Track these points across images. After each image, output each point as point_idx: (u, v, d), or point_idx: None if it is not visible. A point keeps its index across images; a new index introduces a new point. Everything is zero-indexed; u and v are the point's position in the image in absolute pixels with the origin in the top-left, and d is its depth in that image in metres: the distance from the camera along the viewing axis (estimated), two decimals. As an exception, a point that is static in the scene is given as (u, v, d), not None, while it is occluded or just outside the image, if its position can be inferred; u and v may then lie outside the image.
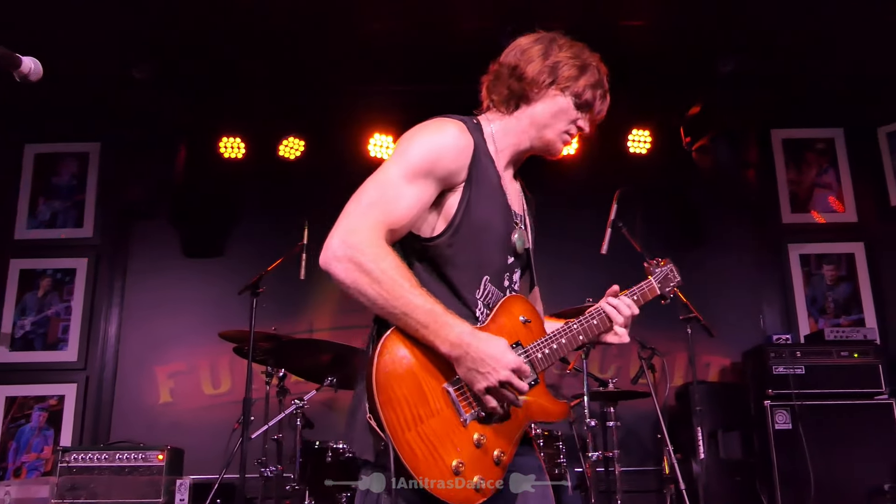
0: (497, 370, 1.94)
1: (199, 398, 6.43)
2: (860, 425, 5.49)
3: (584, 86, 2.31)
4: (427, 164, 2.08)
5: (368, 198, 2.05)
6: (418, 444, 1.89)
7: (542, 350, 2.17)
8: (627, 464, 5.61)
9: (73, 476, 5.05)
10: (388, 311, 1.96)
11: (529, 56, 2.34)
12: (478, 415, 2.00)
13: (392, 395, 1.91)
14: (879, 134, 6.82)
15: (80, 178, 6.80)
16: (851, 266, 6.78)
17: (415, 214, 2.08)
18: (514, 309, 2.21)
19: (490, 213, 2.20)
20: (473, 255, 2.15)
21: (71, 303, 6.55)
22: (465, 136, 2.17)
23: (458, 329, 1.96)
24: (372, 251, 1.95)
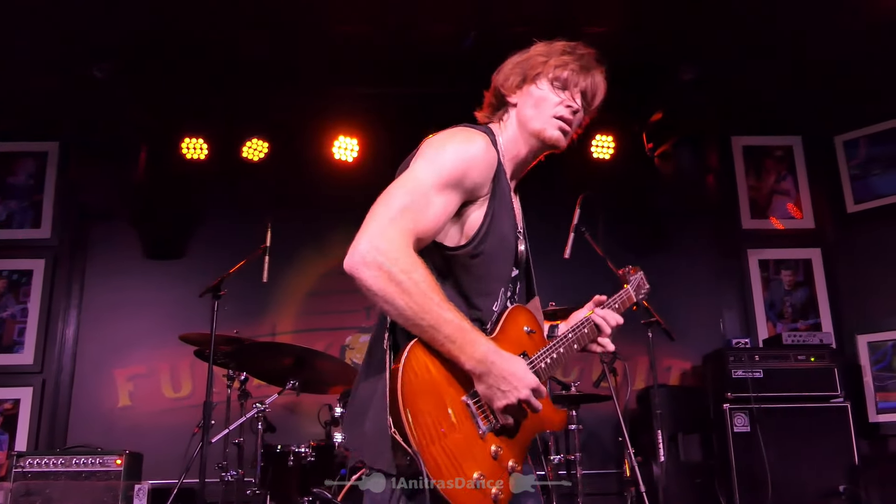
0: (518, 389, 1.97)
1: (158, 402, 6.34)
2: (816, 428, 5.57)
3: (553, 66, 2.31)
4: (458, 174, 2.08)
5: (399, 202, 1.99)
6: (442, 457, 1.89)
7: (545, 360, 2.21)
8: (589, 466, 5.65)
9: (28, 481, 4.96)
10: (414, 323, 1.92)
11: (502, 70, 2.40)
12: (494, 427, 2.03)
13: (417, 410, 1.89)
14: (836, 142, 6.93)
15: (37, 178, 6.68)
16: (808, 271, 6.88)
17: (441, 224, 2.07)
18: (520, 320, 2.25)
19: (507, 226, 2.24)
20: (493, 267, 2.20)
21: (27, 304, 6.43)
22: (492, 150, 2.19)
23: (483, 347, 1.97)
24: (404, 261, 1.91)
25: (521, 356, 2.13)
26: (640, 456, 5.31)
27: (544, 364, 2.20)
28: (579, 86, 2.34)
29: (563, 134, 2.35)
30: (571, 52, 2.36)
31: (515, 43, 2.43)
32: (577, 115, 2.37)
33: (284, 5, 5.41)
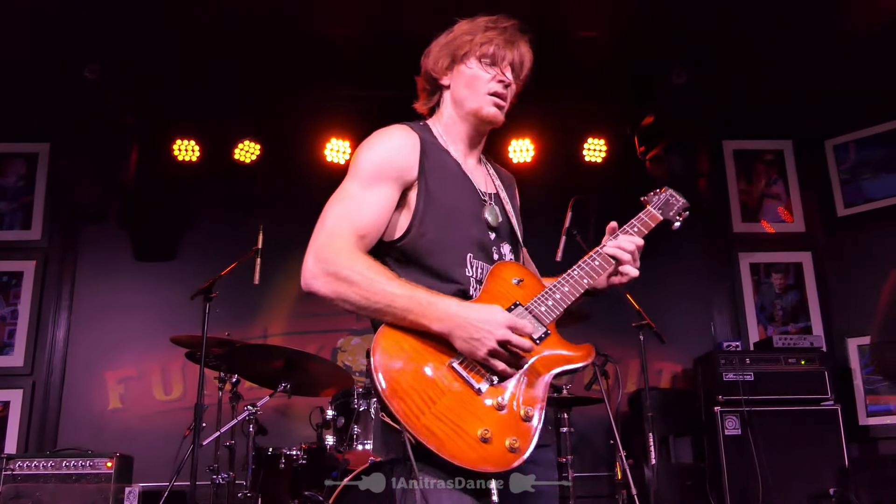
0: (492, 332, 1.96)
1: (149, 404, 6.32)
2: (807, 431, 5.59)
3: (479, 44, 2.34)
4: (378, 167, 2.18)
5: (332, 215, 2.13)
6: (437, 425, 1.90)
7: (544, 303, 2.18)
8: (581, 469, 5.65)
9: (18, 484, 4.93)
10: (373, 310, 2.01)
11: (430, 53, 2.43)
12: (490, 381, 2.01)
13: (398, 388, 1.92)
14: (827, 146, 6.96)
15: (28, 179, 6.65)
16: (799, 275, 6.91)
17: (381, 218, 2.16)
18: (504, 274, 2.24)
19: (454, 196, 2.26)
20: (449, 237, 2.20)
21: (18, 306, 6.40)
22: (411, 135, 2.26)
23: (443, 304, 2.00)
24: (343, 258, 2.04)
25: (513, 307, 2.14)
26: (632, 459, 5.32)
27: (544, 307, 2.17)
28: (507, 59, 2.35)
29: (499, 109, 2.36)
30: (495, 26, 2.38)
31: None
32: (510, 88, 2.38)
33: (278, 8, 5.40)
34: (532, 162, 6.61)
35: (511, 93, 2.40)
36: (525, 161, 6.60)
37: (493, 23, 2.39)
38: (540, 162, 6.63)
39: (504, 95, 2.36)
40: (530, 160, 6.60)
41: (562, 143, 6.73)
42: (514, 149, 6.60)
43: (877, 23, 5.55)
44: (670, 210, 2.59)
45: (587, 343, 2.21)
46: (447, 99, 2.42)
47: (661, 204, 2.58)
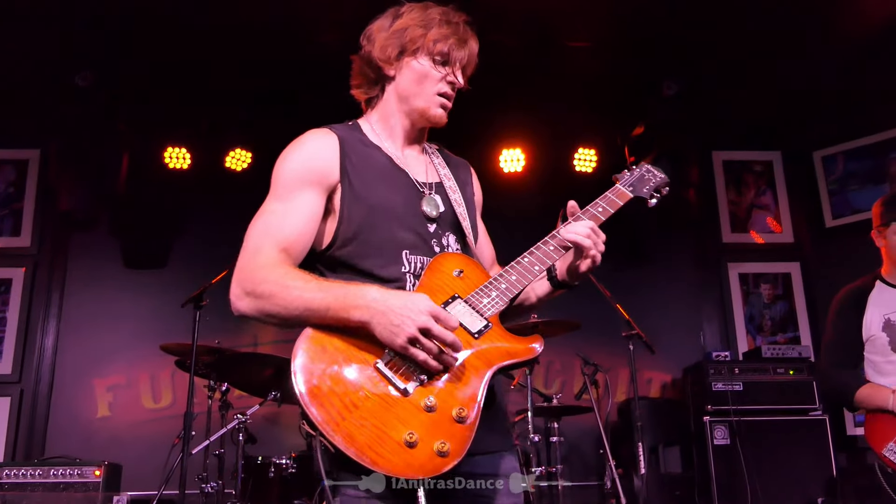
0: (412, 318, 1.85)
1: (138, 412, 6.29)
2: (795, 440, 5.60)
3: (433, 40, 2.22)
4: (295, 175, 2.12)
5: (253, 234, 2.10)
6: (359, 431, 1.79)
7: (486, 294, 2.06)
8: (570, 479, 5.64)
9: (6, 493, 4.90)
10: (295, 317, 1.94)
11: (373, 37, 2.32)
12: (420, 380, 1.89)
13: (318, 392, 1.83)
14: (815, 158, 7.00)
15: (18, 186, 6.63)
16: (788, 285, 6.94)
17: (306, 228, 2.09)
18: (444, 266, 2.12)
19: (383, 192, 2.17)
20: (379, 236, 2.11)
21: (6, 314, 6.37)
22: (325, 137, 2.20)
23: (360, 291, 1.91)
24: (259, 274, 1.99)
25: (452, 299, 2.03)
26: (621, 468, 5.31)
27: (486, 299, 2.04)
28: (461, 60, 2.26)
29: (445, 110, 2.28)
30: (448, 21, 2.26)
31: (499, 55, 2.42)
32: (456, 89, 2.30)
33: (272, 17, 5.41)
34: (523, 171, 6.62)
35: (456, 91, 2.31)
36: (516, 171, 6.62)
37: (445, 16, 2.27)
38: (531, 171, 6.65)
39: (452, 97, 2.28)
40: (521, 170, 6.62)
41: (553, 153, 6.75)
42: (504, 158, 6.62)
43: (866, 37, 5.59)
44: (644, 185, 2.48)
45: (537, 334, 2.07)
46: (391, 90, 2.31)
47: (634, 180, 2.48)
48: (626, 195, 2.40)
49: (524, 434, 5.14)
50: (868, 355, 3.77)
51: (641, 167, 2.54)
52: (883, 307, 3.74)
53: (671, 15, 5.45)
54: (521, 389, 5.30)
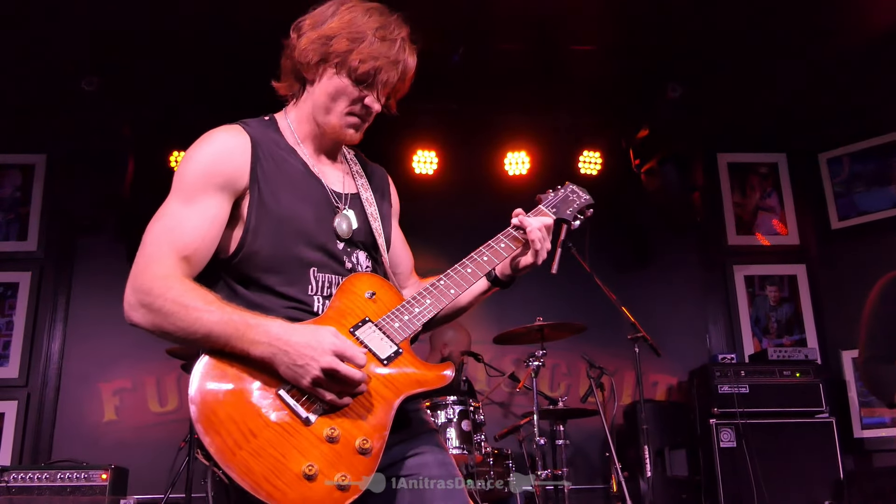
0: (315, 359, 1.74)
1: (144, 416, 6.29)
2: (802, 443, 5.59)
3: (358, 59, 2.01)
4: (201, 179, 1.96)
5: (152, 235, 1.94)
6: (255, 461, 1.70)
7: (399, 318, 1.97)
8: (576, 482, 5.64)
9: (13, 496, 4.90)
10: (191, 339, 1.81)
11: (303, 29, 2.13)
12: (323, 409, 1.79)
13: (213, 419, 1.73)
14: (820, 160, 6.99)
15: (24, 191, 6.64)
16: (794, 287, 6.92)
17: (208, 235, 1.94)
18: (356, 287, 2.02)
19: (293, 204, 2.02)
20: (286, 251, 1.98)
21: (13, 318, 6.37)
22: (237, 138, 2.05)
23: (262, 328, 1.79)
24: (157, 286, 1.84)
25: (361, 323, 1.94)
26: (627, 471, 5.31)
27: (398, 323, 1.95)
28: (388, 83, 2.06)
29: (357, 129, 2.11)
30: (384, 37, 2.04)
31: (502, 59, 2.35)
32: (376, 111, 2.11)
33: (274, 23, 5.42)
34: (528, 174, 6.62)
35: (376, 112, 2.12)
36: (521, 173, 6.62)
37: (382, 31, 2.04)
38: (535, 174, 6.65)
39: (367, 119, 2.11)
40: (526, 172, 6.62)
41: (557, 156, 6.74)
42: (509, 161, 6.62)
43: (869, 39, 5.59)
44: (568, 207, 2.37)
45: (448, 362, 2.02)
46: (308, 94, 2.14)
47: (557, 202, 2.37)
48: (546, 215, 2.30)
49: (530, 437, 5.14)
50: None
51: (567, 188, 2.43)
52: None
53: (675, 18, 5.44)
54: (526, 392, 5.31)
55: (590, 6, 5.33)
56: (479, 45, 5.48)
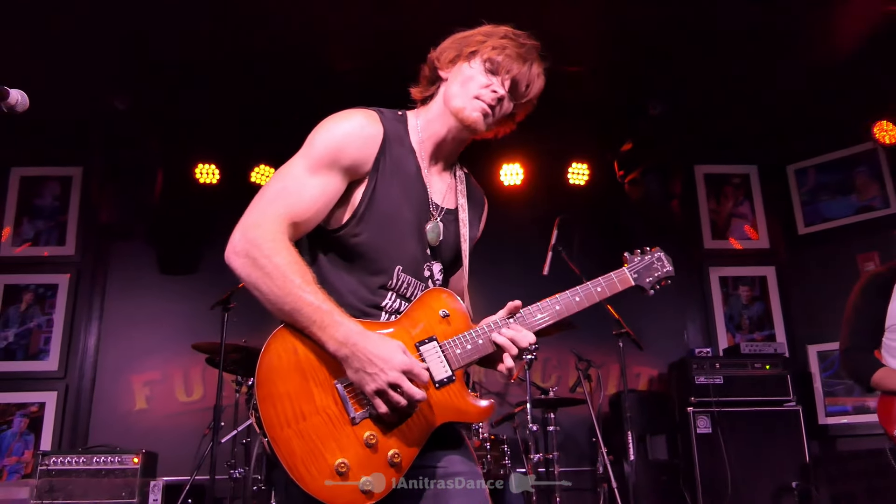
0: (385, 371, 1.69)
1: (172, 405, 6.30)
2: (771, 429, 5.59)
3: (489, 48, 2.00)
4: (330, 154, 1.89)
5: (272, 191, 1.88)
6: (298, 441, 1.69)
7: (461, 346, 1.88)
8: (566, 465, 5.64)
9: (52, 478, 4.92)
10: (279, 308, 1.75)
11: (443, 43, 2.13)
12: (369, 413, 1.75)
13: (273, 391, 1.72)
14: (788, 171, 6.99)
15: (62, 200, 6.65)
16: (764, 287, 6.92)
17: (320, 207, 1.88)
18: (434, 302, 1.93)
19: (398, 203, 1.96)
20: (381, 244, 1.92)
21: (52, 316, 6.38)
22: (373, 126, 1.95)
23: (345, 328, 1.73)
24: (268, 246, 1.77)
25: (428, 340, 1.86)
26: (612, 455, 5.31)
27: (459, 350, 1.87)
28: (511, 72, 2.01)
29: (484, 117, 2.01)
30: (513, 38, 2.04)
31: None
32: (503, 102, 2.03)
33: (290, 49, 5.44)
34: (521, 184, 6.63)
35: (504, 109, 2.05)
36: (515, 183, 6.63)
37: (513, 34, 2.05)
38: (528, 184, 6.66)
39: (492, 106, 2.01)
40: (520, 182, 6.63)
41: (548, 168, 6.75)
42: (504, 172, 6.63)
43: (835, 61, 5.59)
44: (649, 276, 2.24)
45: (492, 400, 1.93)
46: (440, 93, 2.09)
47: (641, 267, 2.23)
48: (628, 281, 2.17)
49: (523, 423, 5.14)
50: (888, 341, 3.66)
51: (654, 254, 2.27)
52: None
53: (656, 43, 5.45)
54: (520, 383, 5.31)
55: (579, 33, 5.34)
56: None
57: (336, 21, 5.21)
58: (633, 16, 5.16)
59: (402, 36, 2.55)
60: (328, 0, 5.01)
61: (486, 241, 2.44)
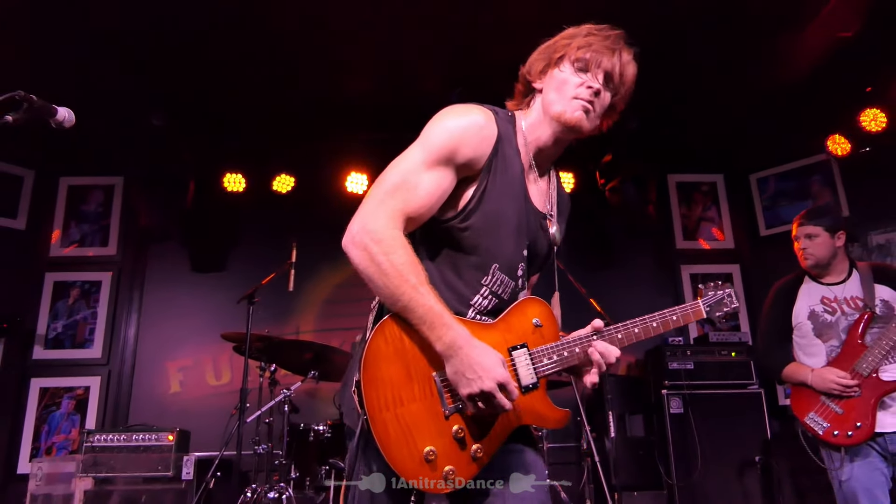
0: (483, 380, 1.63)
1: (203, 388, 6.30)
2: (736, 410, 5.58)
3: (575, 48, 1.89)
4: (448, 150, 1.76)
5: (390, 183, 1.75)
6: (394, 425, 1.64)
7: (548, 356, 1.84)
8: (553, 441, 5.64)
9: (96, 454, 4.92)
10: (391, 302, 1.68)
11: (532, 57, 2.02)
12: (459, 408, 1.71)
13: (377, 375, 1.66)
14: (751, 179, 6.99)
15: (105, 206, 6.66)
16: (730, 283, 6.90)
17: (434, 202, 1.77)
18: (529, 311, 1.87)
19: (505, 203, 1.84)
20: (484, 241, 1.81)
21: (97, 309, 6.39)
22: (489, 125, 1.83)
23: (453, 332, 1.66)
24: (386, 242, 1.67)
25: (520, 347, 1.81)
26: (595, 432, 5.31)
27: (547, 360, 1.83)
28: (602, 66, 1.88)
29: (585, 114, 1.89)
30: (597, 32, 1.92)
31: (495, 96, 2.27)
32: (601, 95, 1.91)
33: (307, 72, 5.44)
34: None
35: (604, 101, 1.93)
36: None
37: (597, 29, 1.93)
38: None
39: (591, 101, 1.89)
40: (512, 190, 6.62)
41: (538, 177, 6.74)
42: (499, 181, 6.61)
43: (794, 79, 5.60)
44: (719, 310, 2.14)
45: (567, 410, 1.90)
46: (537, 102, 1.98)
47: (713, 301, 2.15)
48: (701, 314, 2.10)
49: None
50: (796, 339, 3.75)
51: (725, 290, 2.16)
52: (809, 299, 3.73)
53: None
54: (513, 369, 5.30)
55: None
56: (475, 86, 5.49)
57: (356, 43, 5.21)
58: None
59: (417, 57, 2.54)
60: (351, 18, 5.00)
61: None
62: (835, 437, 3.39)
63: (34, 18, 4.68)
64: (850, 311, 3.55)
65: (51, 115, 1.96)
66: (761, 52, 5.28)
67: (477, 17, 4.89)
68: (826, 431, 3.43)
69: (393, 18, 4.88)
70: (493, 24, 4.95)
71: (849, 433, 3.35)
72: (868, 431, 3.32)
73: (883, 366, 3.38)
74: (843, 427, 3.37)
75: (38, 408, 6.08)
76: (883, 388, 3.35)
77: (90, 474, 4.87)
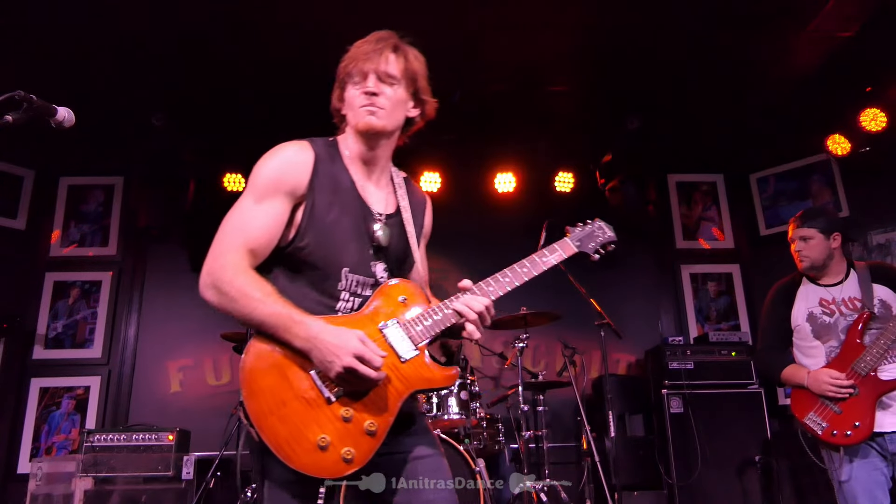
0: (340, 357, 1.74)
1: (203, 388, 6.31)
2: (736, 409, 5.59)
3: (345, 66, 2.05)
4: (270, 183, 1.93)
5: (227, 228, 1.93)
6: (281, 427, 1.73)
7: (421, 322, 1.92)
8: (553, 441, 5.63)
9: (96, 454, 4.93)
10: (250, 323, 1.83)
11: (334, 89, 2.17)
12: (343, 393, 1.80)
13: (255, 388, 1.76)
14: (751, 179, 6.99)
15: (105, 206, 6.66)
16: (730, 283, 6.92)
17: (272, 231, 1.92)
18: (392, 291, 1.99)
19: (335, 214, 1.97)
20: (326, 252, 1.94)
21: (97, 309, 6.39)
22: (304, 153, 1.99)
23: (306, 326, 1.79)
24: (228, 274, 1.84)
25: (390, 322, 1.91)
26: (595, 432, 5.32)
27: (421, 327, 1.91)
28: (367, 70, 2.00)
29: (370, 114, 2.01)
30: (364, 43, 2.06)
31: (495, 98, 2.29)
32: (385, 93, 2.02)
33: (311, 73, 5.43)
34: (514, 192, 6.63)
35: (394, 97, 2.03)
36: (508, 191, 6.62)
37: (365, 42, 2.06)
38: (520, 192, 6.66)
39: (372, 102, 2.01)
40: (512, 190, 6.63)
41: (538, 177, 6.75)
42: (498, 180, 6.62)
43: (792, 81, 5.61)
44: (591, 241, 2.29)
45: (455, 367, 1.96)
46: (346, 124, 2.13)
47: (583, 235, 2.30)
48: (571, 249, 2.22)
49: (516, 404, 5.14)
50: (795, 341, 3.74)
51: (595, 223, 2.34)
52: (807, 302, 3.71)
53: (633, 64, 5.45)
54: (513, 368, 5.31)
55: (563, 55, 5.35)
56: (474, 88, 5.50)
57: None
58: (612, 45, 5.15)
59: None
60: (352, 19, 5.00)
61: (482, 241, 2.45)
62: (833, 437, 3.39)
63: (34, 18, 4.69)
64: (849, 312, 3.55)
65: (51, 115, 1.96)
66: (761, 52, 5.27)
67: (477, 18, 4.89)
68: (825, 431, 3.43)
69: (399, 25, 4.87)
70: (494, 25, 4.95)
71: (847, 433, 3.35)
72: (867, 431, 3.31)
73: (881, 365, 3.38)
74: (842, 427, 3.37)
75: (39, 407, 6.09)
76: (881, 387, 3.35)
77: (90, 474, 4.87)
